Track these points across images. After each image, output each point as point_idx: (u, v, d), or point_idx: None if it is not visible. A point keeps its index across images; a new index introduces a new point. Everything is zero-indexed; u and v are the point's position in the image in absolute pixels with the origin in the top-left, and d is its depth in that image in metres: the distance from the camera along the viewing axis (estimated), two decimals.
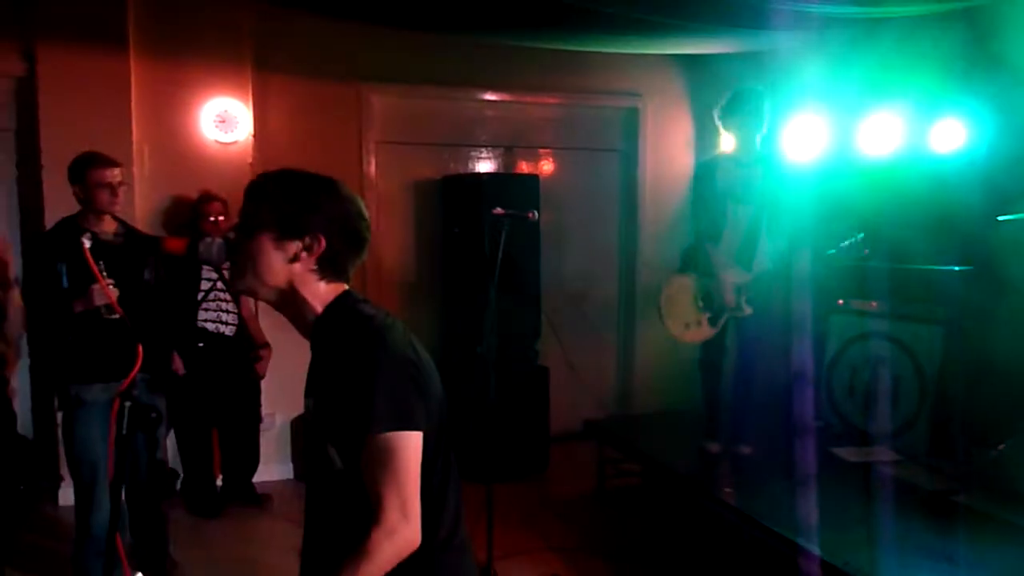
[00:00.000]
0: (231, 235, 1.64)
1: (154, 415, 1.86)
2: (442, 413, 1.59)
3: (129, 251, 3.45)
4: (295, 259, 1.56)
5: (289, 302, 1.60)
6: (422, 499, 1.48)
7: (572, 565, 4.06)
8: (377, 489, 1.43)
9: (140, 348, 2.18)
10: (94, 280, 3.13)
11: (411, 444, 1.46)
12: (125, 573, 2.29)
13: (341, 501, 1.53)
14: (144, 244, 3.56)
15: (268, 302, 1.63)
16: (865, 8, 3.87)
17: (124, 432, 1.86)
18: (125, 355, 3.34)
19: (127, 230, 3.55)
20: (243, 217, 1.61)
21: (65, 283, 3.30)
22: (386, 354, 1.49)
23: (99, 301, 3.20)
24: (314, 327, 1.60)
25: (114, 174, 3.40)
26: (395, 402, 1.46)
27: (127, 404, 1.84)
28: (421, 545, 1.48)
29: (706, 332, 4.25)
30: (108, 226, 3.42)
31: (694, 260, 4.30)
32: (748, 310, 4.11)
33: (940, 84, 4.32)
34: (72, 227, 3.40)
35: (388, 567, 1.44)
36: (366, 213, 1.63)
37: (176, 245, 2.11)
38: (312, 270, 1.58)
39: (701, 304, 4.21)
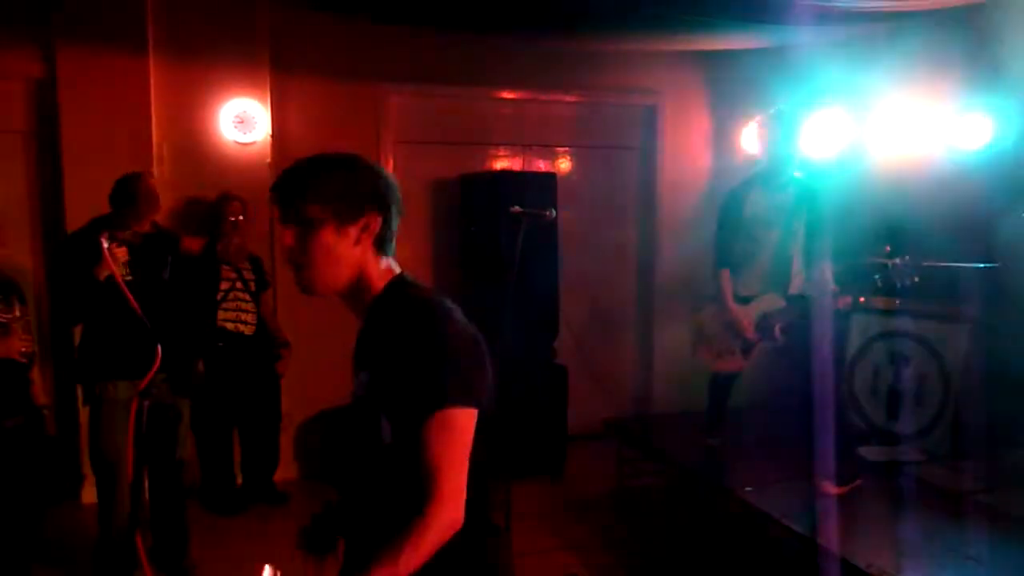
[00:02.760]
0: (287, 244, 1.59)
1: (172, 414, 1.87)
2: (492, 397, 1.58)
3: (147, 250, 3.49)
4: (358, 242, 1.57)
5: (358, 289, 1.60)
6: (471, 479, 1.47)
7: (590, 564, 4.04)
8: (435, 460, 1.42)
9: (159, 348, 2.19)
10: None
11: (469, 420, 1.46)
12: (145, 571, 2.31)
13: (387, 476, 1.52)
14: (162, 243, 3.59)
15: (342, 295, 1.62)
16: (887, 2, 3.82)
17: (144, 431, 1.87)
18: (148, 353, 3.37)
19: (157, 230, 3.62)
20: (291, 219, 1.57)
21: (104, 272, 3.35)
22: (454, 330, 1.50)
23: (109, 265, 3.25)
24: (372, 304, 1.59)
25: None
26: (458, 378, 1.45)
27: (146, 403, 1.85)
28: (469, 525, 1.47)
29: (739, 362, 4.19)
30: (143, 226, 3.50)
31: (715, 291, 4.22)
32: (781, 339, 3.95)
33: (965, 80, 4.27)
34: (99, 226, 3.46)
35: (439, 542, 1.43)
36: (394, 178, 1.65)
37: (193, 245, 2.13)
38: (371, 249, 1.58)
39: (732, 334, 4.13)
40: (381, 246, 1.60)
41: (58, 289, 3.52)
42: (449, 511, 1.42)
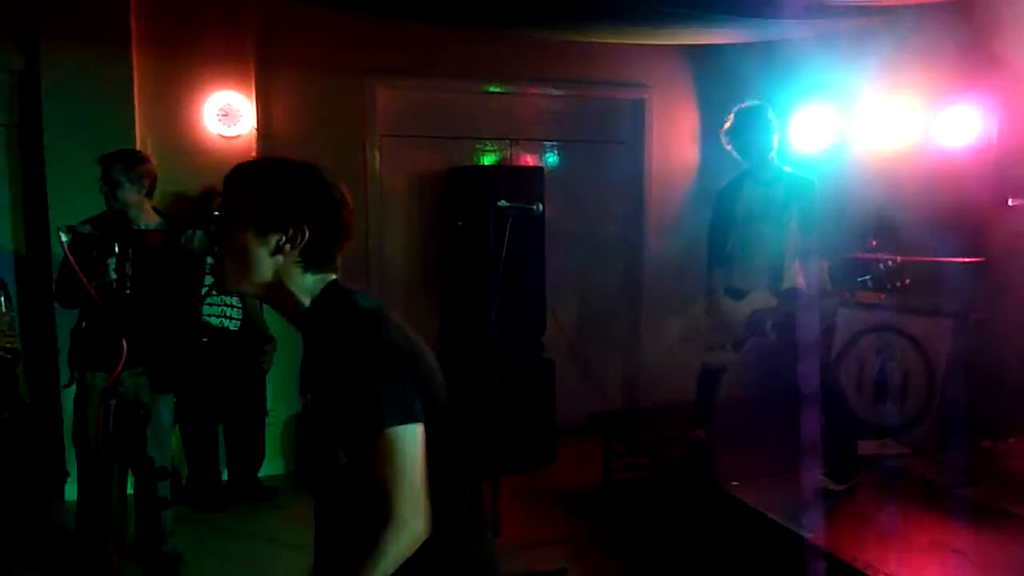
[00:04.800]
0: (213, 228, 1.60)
1: (141, 412, 1.85)
2: (443, 396, 1.56)
3: (103, 245, 3.46)
4: (278, 252, 1.52)
5: (276, 296, 1.57)
6: (439, 486, 1.47)
7: (578, 558, 4.04)
8: (384, 486, 1.41)
9: (124, 344, 2.17)
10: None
11: (414, 437, 1.43)
12: (113, 561, 2.28)
13: (349, 496, 1.51)
14: (123, 238, 3.55)
15: (255, 297, 1.61)
16: None
17: (110, 429, 1.85)
18: (117, 348, 3.36)
19: (168, 225, 3.60)
20: (222, 211, 1.57)
21: (112, 274, 3.33)
22: (380, 348, 1.46)
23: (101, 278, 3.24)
24: (303, 320, 1.57)
25: (108, 171, 3.46)
26: (394, 397, 1.43)
27: (112, 402, 1.83)
28: (445, 532, 1.47)
29: (731, 356, 4.22)
30: (147, 220, 3.48)
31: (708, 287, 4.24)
32: (773, 335, 3.92)
33: (949, 75, 4.29)
34: (106, 219, 3.46)
35: (401, 560, 1.42)
36: (349, 199, 1.59)
37: (157, 239, 2.10)
38: (297, 262, 1.53)
39: (723, 330, 4.14)
40: (309, 262, 1.54)
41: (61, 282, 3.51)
42: (407, 530, 1.41)
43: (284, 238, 1.51)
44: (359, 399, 1.42)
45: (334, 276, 1.59)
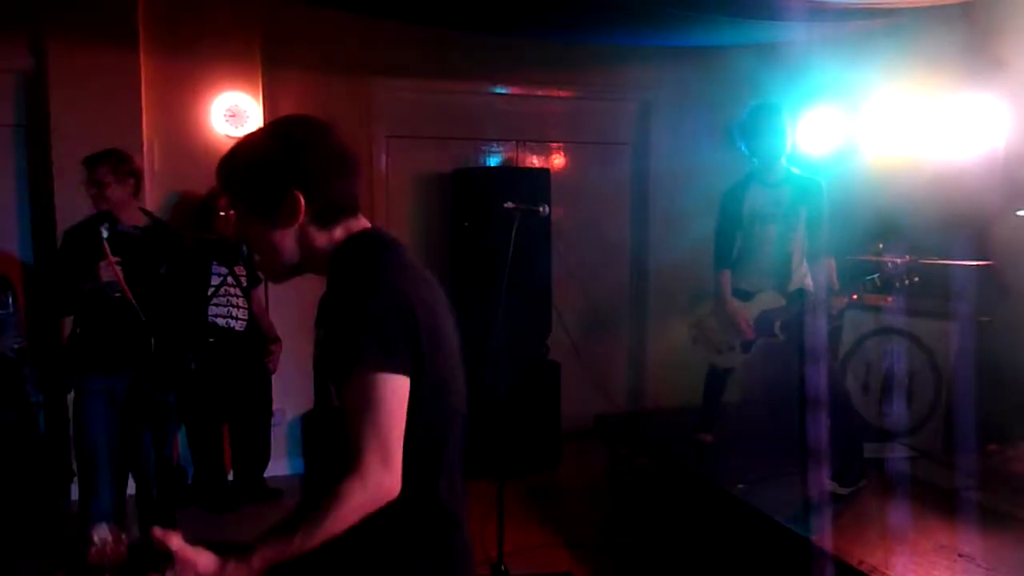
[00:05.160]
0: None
1: (162, 410, 1.86)
2: (449, 363, 1.51)
3: (147, 244, 3.49)
4: (287, 224, 1.49)
5: (317, 262, 1.54)
6: (416, 454, 1.40)
7: (583, 561, 4.04)
8: (356, 430, 1.34)
9: (153, 342, 2.18)
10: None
11: (395, 388, 1.36)
12: None
13: (337, 439, 1.42)
14: (164, 239, 3.59)
15: (307, 272, 1.56)
16: None
17: (132, 426, 1.85)
18: (128, 348, 3.37)
19: (155, 223, 3.60)
20: (233, 207, 1.57)
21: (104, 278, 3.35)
22: (375, 286, 1.40)
23: (105, 278, 3.24)
24: (329, 264, 1.53)
25: (97, 173, 3.46)
26: (380, 340, 1.36)
27: (136, 399, 1.84)
28: (409, 505, 1.40)
29: (738, 358, 4.21)
30: (134, 219, 3.47)
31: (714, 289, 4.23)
32: (781, 336, 3.93)
33: (955, 77, 4.27)
34: (100, 216, 3.47)
35: (362, 513, 1.35)
36: (332, 139, 1.52)
37: (188, 241, 2.12)
38: (311, 224, 1.50)
39: (731, 331, 4.14)
40: (323, 217, 1.50)
41: (53, 281, 3.52)
42: (374, 478, 1.33)
43: (284, 213, 1.48)
44: (346, 335, 1.37)
45: (362, 220, 1.56)
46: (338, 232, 1.52)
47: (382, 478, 1.34)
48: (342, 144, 1.53)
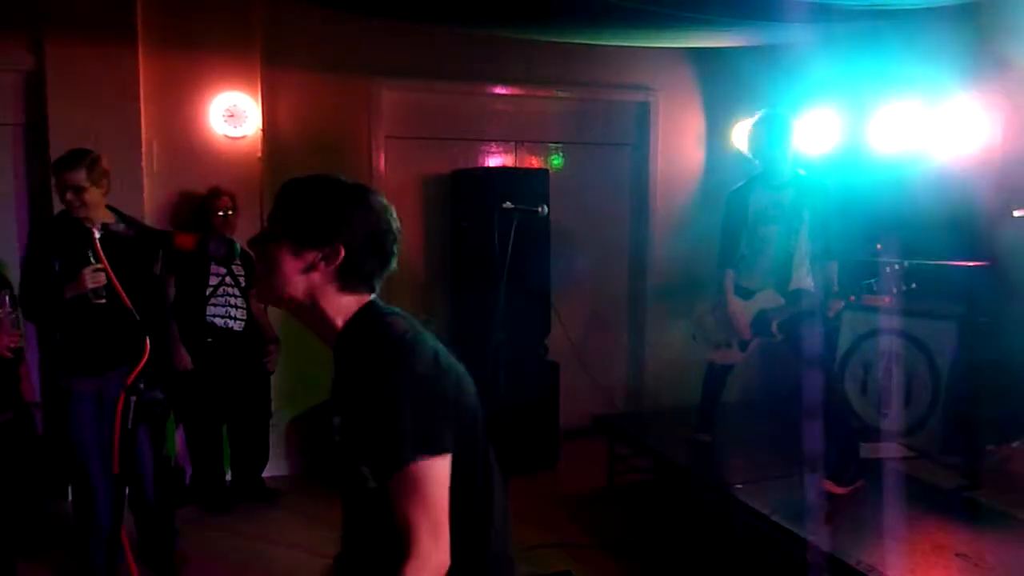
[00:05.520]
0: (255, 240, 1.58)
1: (160, 410, 1.85)
2: (476, 422, 1.54)
3: (140, 244, 3.46)
4: (312, 269, 1.50)
5: (309, 314, 1.55)
6: (465, 515, 1.46)
7: (582, 561, 4.04)
8: (407, 517, 1.40)
9: (148, 342, 2.17)
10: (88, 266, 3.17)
11: (439, 469, 1.42)
12: (131, 567, 2.29)
13: (378, 518, 1.49)
14: (155, 238, 3.57)
15: (290, 312, 1.58)
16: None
17: (129, 426, 1.85)
18: (117, 349, 3.36)
19: (128, 223, 3.56)
20: (268, 224, 1.56)
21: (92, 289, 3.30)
22: (408, 376, 1.43)
23: (90, 285, 3.21)
24: (337, 341, 1.54)
25: (75, 177, 3.35)
26: (420, 428, 1.40)
27: (132, 399, 1.84)
28: (470, 562, 1.46)
29: (736, 355, 4.24)
30: (105, 219, 3.42)
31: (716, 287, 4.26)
32: (779, 336, 3.96)
33: (954, 78, 4.28)
34: (67, 221, 3.42)
35: None
36: (396, 225, 1.57)
37: (186, 241, 2.11)
38: (332, 281, 1.51)
39: (731, 329, 4.17)
40: (346, 281, 1.52)
41: (30, 287, 3.41)
42: (431, 560, 1.40)
43: (319, 256, 1.50)
44: (385, 430, 1.41)
45: (371, 297, 1.57)
46: (348, 301, 1.54)
47: (437, 557, 1.41)
48: (395, 235, 1.57)
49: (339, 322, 1.54)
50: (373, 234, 1.53)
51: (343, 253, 1.49)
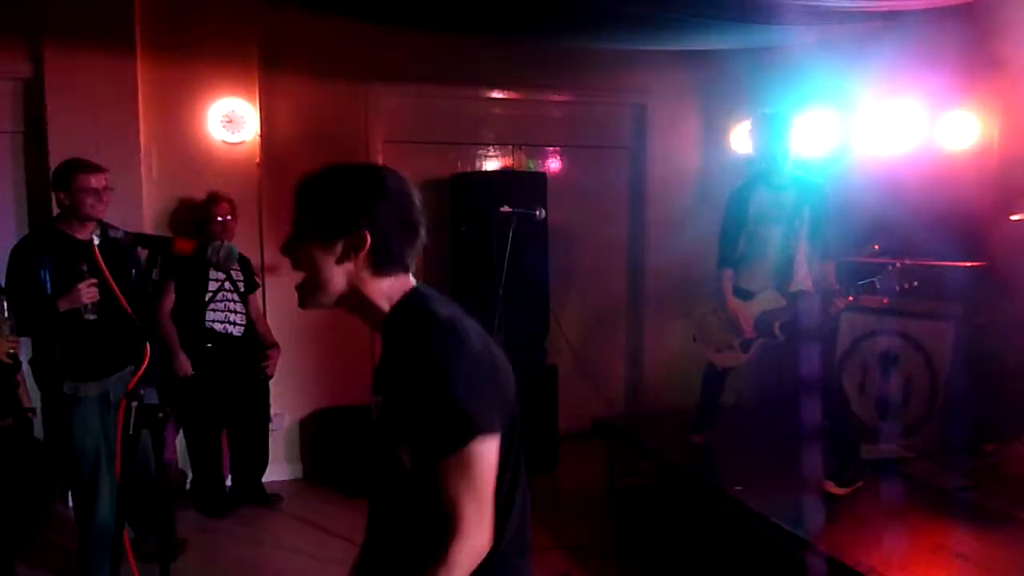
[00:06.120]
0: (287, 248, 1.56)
1: (161, 415, 1.86)
2: (516, 411, 1.54)
3: (136, 250, 3.47)
4: (345, 259, 1.50)
5: (356, 304, 1.55)
6: (495, 500, 1.45)
7: (582, 563, 4.04)
8: (455, 496, 1.39)
9: (148, 347, 2.18)
10: (82, 280, 3.17)
11: (490, 449, 1.42)
12: (132, 570, 2.30)
13: (409, 503, 1.49)
14: (152, 244, 3.56)
15: (341, 307, 1.57)
16: (873, 1, 3.84)
17: (131, 431, 1.86)
18: (115, 352, 3.36)
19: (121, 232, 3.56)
20: (293, 226, 1.56)
21: (48, 288, 3.32)
22: (464, 356, 1.43)
23: (85, 300, 3.22)
24: (384, 326, 1.54)
25: (99, 179, 3.41)
26: (476, 407, 1.41)
27: (134, 404, 1.84)
28: (501, 547, 1.47)
29: (739, 357, 4.23)
30: (92, 229, 3.43)
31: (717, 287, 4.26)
32: (781, 336, 3.95)
33: (950, 79, 4.30)
34: (51, 231, 3.44)
35: (468, 573, 1.42)
36: (416, 197, 1.56)
37: (185, 247, 2.12)
38: (367, 267, 1.51)
39: (732, 331, 4.17)
40: (379, 265, 1.52)
41: (21, 299, 3.39)
42: (475, 543, 1.41)
43: (348, 244, 1.50)
44: (440, 410, 1.40)
45: (411, 279, 1.58)
46: (388, 284, 1.54)
47: (483, 537, 1.42)
48: (418, 209, 1.56)
49: (385, 306, 1.54)
50: (395, 212, 1.53)
51: (368, 239, 1.49)
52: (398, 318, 1.53)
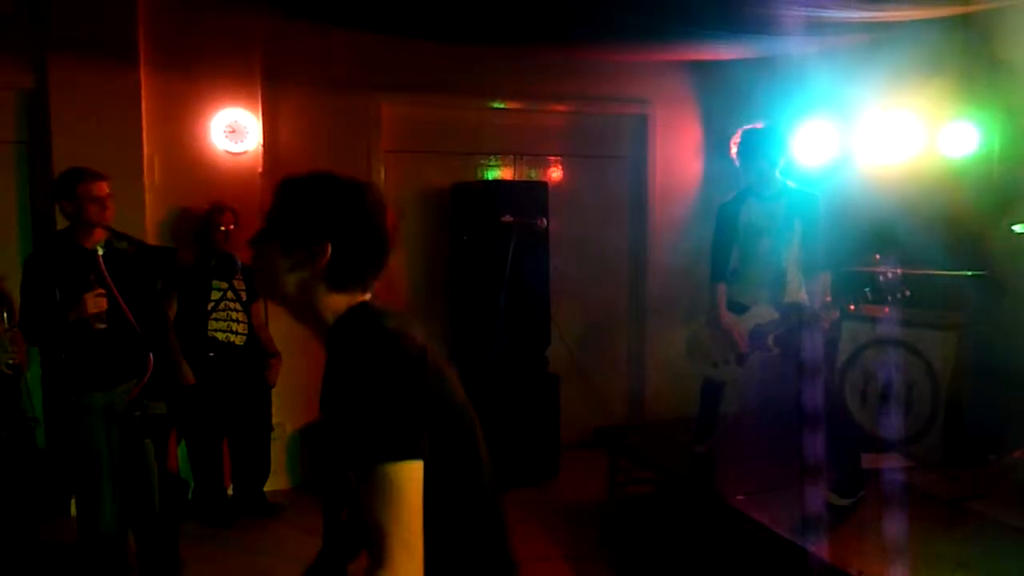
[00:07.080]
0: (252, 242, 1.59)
1: (164, 425, 1.87)
2: (464, 422, 1.52)
3: (142, 261, 3.49)
4: (300, 267, 1.50)
5: (303, 312, 1.54)
6: (457, 523, 1.43)
7: (583, 573, 4.04)
8: (378, 522, 1.33)
9: (151, 357, 2.19)
10: (91, 290, 3.19)
11: (411, 475, 1.35)
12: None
13: (360, 517, 1.45)
14: (157, 255, 3.59)
15: (287, 309, 1.57)
16: (874, 12, 3.85)
17: (134, 441, 1.87)
18: (121, 363, 3.37)
19: (128, 240, 3.59)
20: (264, 221, 1.57)
21: (59, 298, 3.33)
22: (387, 377, 1.38)
23: (92, 310, 3.23)
24: (327, 339, 1.52)
25: (102, 187, 3.43)
26: (395, 430, 1.35)
27: (137, 414, 1.85)
28: (467, 559, 1.45)
29: (734, 371, 4.20)
30: (99, 237, 3.45)
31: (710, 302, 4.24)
32: (775, 349, 3.92)
33: (950, 88, 4.31)
34: (61, 242, 3.45)
35: None
36: (392, 225, 1.55)
37: (187, 257, 2.14)
38: (322, 279, 1.50)
39: (726, 344, 4.14)
40: (336, 281, 1.51)
41: (31, 310, 3.40)
42: (401, 569, 1.32)
43: (306, 255, 1.49)
44: (358, 428, 1.37)
45: (364, 298, 1.56)
46: (340, 300, 1.53)
47: (408, 567, 1.34)
48: (390, 230, 1.55)
49: (331, 319, 1.52)
50: (365, 232, 1.52)
51: (330, 251, 1.49)
52: (338, 332, 1.51)
